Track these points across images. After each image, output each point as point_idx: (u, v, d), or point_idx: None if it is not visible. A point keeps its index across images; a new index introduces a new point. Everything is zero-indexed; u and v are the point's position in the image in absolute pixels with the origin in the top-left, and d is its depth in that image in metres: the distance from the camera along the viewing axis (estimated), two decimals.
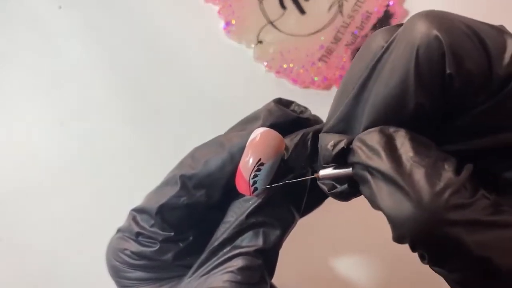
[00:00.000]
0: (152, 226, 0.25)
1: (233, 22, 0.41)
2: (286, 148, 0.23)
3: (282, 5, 0.41)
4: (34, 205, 0.40)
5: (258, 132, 0.22)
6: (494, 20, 0.19)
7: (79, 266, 0.39)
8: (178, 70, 0.42)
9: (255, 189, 0.22)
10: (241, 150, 0.23)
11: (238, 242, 0.23)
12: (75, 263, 0.39)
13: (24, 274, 0.39)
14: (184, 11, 0.42)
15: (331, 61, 0.41)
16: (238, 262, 0.22)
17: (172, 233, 0.25)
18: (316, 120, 0.25)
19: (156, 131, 0.41)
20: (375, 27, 0.41)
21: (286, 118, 0.24)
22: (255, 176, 0.21)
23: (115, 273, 0.27)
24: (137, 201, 0.33)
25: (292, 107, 0.25)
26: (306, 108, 0.25)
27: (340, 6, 0.41)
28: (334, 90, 0.41)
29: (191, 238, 0.25)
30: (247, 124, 0.25)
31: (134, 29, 0.42)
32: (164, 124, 0.41)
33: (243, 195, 0.23)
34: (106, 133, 0.41)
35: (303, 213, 0.25)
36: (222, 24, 0.41)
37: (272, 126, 0.23)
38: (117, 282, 0.27)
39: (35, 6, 0.42)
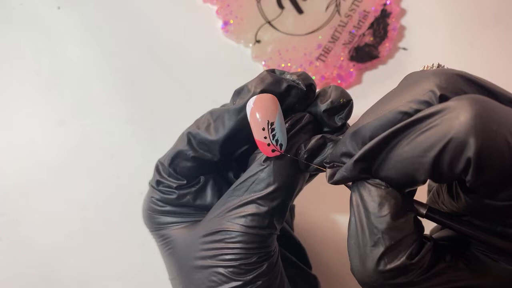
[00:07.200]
0: (169, 175, 0.28)
1: (231, 21, 0.41)
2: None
3: (280, 5, 0.41)
4: (34, 205, 0.40)
5: (252, 103, 0.24)
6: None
7: (79, 265, 0.39)
8: (177, 70, 0.42)
9: (281, 145, 0.24)
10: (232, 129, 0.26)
11: (251, 191, 0.25)
12: (75, 262, 0.39)
13: (24, 274, 0.39)
14: (182, 11, 0.43)
15: (329, 60, 0.41)
16: (250, 209, 0.25)
17: (185, 181, 0.28)
18: (310, 90, 0.27)
19: (155, 130, 0.41)
20: (372, 26, 0.41)
21: (278, 86, 0.25)
22: (274, 136, 0.24)
23: (149, 221, 0.30)
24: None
25: (284, 76, 0.26)
26: (299, 79, 0.26)
27: (338, 5, 0.41)
28: None
29: (202, 179, 0.28)
30: (239, 96, 0.26)
31: (132, 29, 0.42)
32: (163, 123, 0.41)
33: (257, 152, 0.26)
34: (105, 132, 0.41)
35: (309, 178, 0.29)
36: (220, 23, 0.42)
37: (263, 92, 0.25)
38: (152, 229, 0.30)
39: (35, 6, 0.42)
